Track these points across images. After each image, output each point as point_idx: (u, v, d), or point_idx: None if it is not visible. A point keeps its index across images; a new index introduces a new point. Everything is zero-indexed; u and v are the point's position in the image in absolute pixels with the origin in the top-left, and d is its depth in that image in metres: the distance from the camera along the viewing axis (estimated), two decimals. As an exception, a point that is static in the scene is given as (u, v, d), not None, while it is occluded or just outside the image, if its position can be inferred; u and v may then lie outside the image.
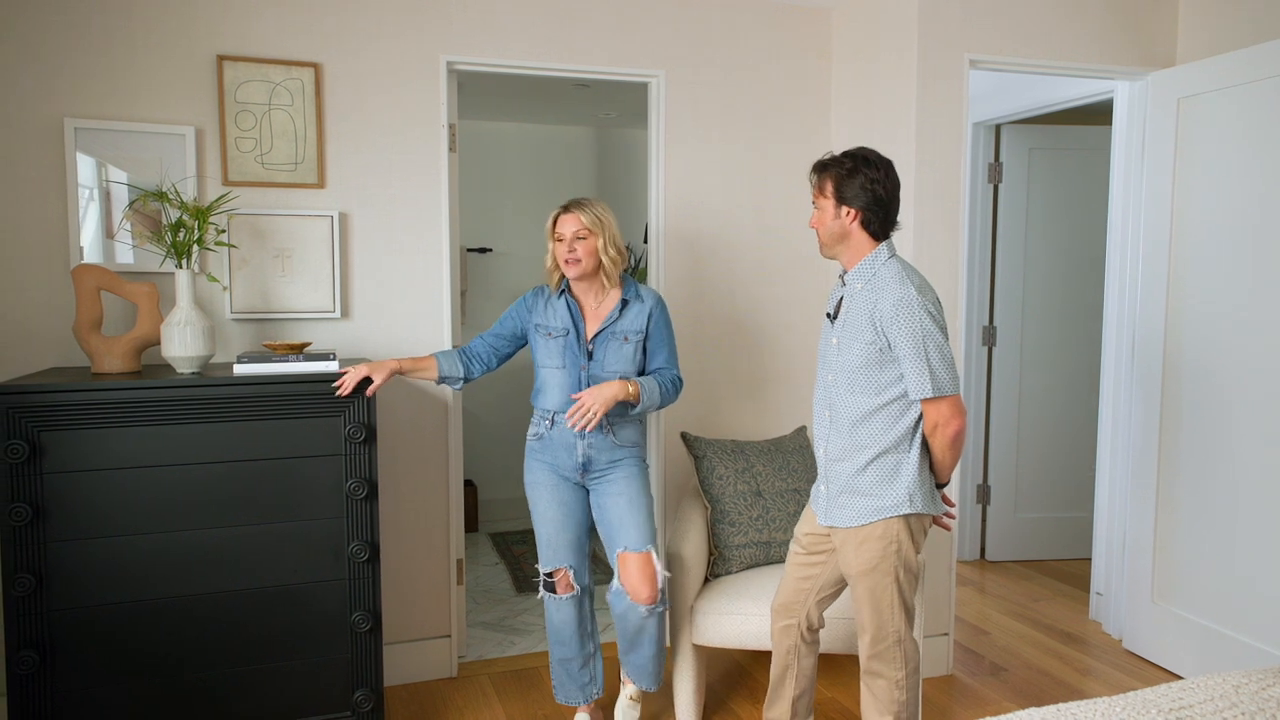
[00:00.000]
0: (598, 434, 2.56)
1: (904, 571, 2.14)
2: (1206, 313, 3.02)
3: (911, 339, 2.01)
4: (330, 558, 2.47)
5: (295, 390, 2.42)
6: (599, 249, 2.51)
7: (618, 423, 2.58)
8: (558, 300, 2.60)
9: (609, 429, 2.57)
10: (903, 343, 2.02)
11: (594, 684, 2.72)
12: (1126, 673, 3.19)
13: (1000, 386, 4.28)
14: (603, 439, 2.57)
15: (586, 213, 2.51)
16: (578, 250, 2.49)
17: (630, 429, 2.62)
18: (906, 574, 2.14)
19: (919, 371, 2.02)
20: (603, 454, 2.58)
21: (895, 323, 2.02)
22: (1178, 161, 3.11)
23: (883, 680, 2.19)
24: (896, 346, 2.04)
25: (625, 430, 2.60)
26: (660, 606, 2.57)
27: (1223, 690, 1.65)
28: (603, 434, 2.56)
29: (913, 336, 2.01)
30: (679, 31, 3.20)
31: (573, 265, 2.50)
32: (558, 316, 2.58)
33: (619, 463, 2.59)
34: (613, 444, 2.58)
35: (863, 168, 2.10)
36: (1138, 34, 3.21)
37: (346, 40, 2.86)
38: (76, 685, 2.30)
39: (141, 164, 2.69)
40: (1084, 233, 4.23)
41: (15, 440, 2.20)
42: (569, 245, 2.50)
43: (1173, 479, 3.15)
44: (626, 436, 2.60)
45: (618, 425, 2.59)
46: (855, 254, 2.15)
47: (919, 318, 2.01)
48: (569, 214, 2.51)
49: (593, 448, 2.57)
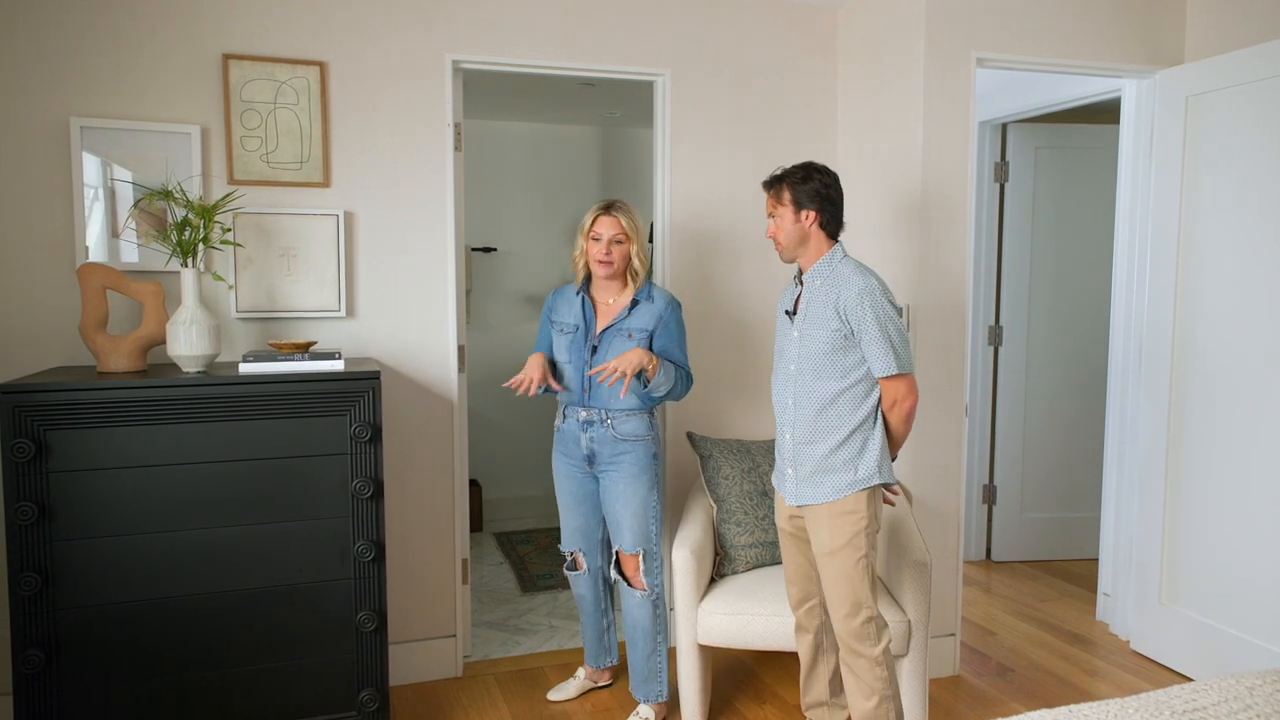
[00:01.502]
0: (599, 427, 2.67)
1: (871, 544, 2.30)
2: (1215, 312, 3.01)
3: (876, 322, 2.22)
4: (336, 557, 2.47)
5: (301, 389, 2.41)
6: (631, 254, 2.67)
7: (617, 416, 2.66)
8: (574, 297, 2.73)
9: (609, 423, 2.65)
10: (867, 326, 2.22)
11: (608, 654, 3.00)
12: (1135, 674, 3.17)
13: (1006, 386, 4.27)
14: (604, 432, 2.68)
15: (626, 218, 2.67)
16: (613, 253, 2.64)
17: (632, 422, 2.68)
18: (872, 548, 2.31)
19: (884, 351, 2.23)
20: (605, 447, 2.68)
21: (860, 309, 2.22)
22: (1186, 160, 3.09)
23: (863, 660, 2.30)
24: (861, 330, 2.23)
25: (626, 424, 2.67)
26: (652, 594, 2.74)
27: (1236, 692, 1.64)
28: (603, 427, 2.66)
29: (877, 320, 2.22)
30: (685, 30, 3.20)
31: (605, 266, 2.65)
32: (571, 312, 2.72)
33: (623, 456, 2.68)
34: (614, 437, 2.67)
35: (814, 174, 2.32)
36: (1145, 32, 3.19)
37: (352, 39, 2.86)
38: (82, 684, 2.30)
39: (147, 163, 2.69)
40: (1090, 232, 4.22)
41: (21, 439, 2.19)
42: (606, 247, 2.63)
43: (1180, 479, 3.14)
44: (627, 430, 2.67)
45: (617, 419, 2.67)
46: (814, 254, 2.34)
47: (881, 304, 2.23)
48: (610, 216, 2.65)
49: (595, 441, 2.69)
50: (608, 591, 2.94)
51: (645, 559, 2.73)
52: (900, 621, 2.54)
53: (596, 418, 2.67)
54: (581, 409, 2.69)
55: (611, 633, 3.00)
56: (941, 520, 3.09)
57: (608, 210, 2.67)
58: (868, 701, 2.30)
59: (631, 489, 2.68)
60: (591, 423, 2.68)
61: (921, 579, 2.56)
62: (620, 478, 2.68)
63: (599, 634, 2.97)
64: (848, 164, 3.30)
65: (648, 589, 2.74)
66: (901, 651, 2.55)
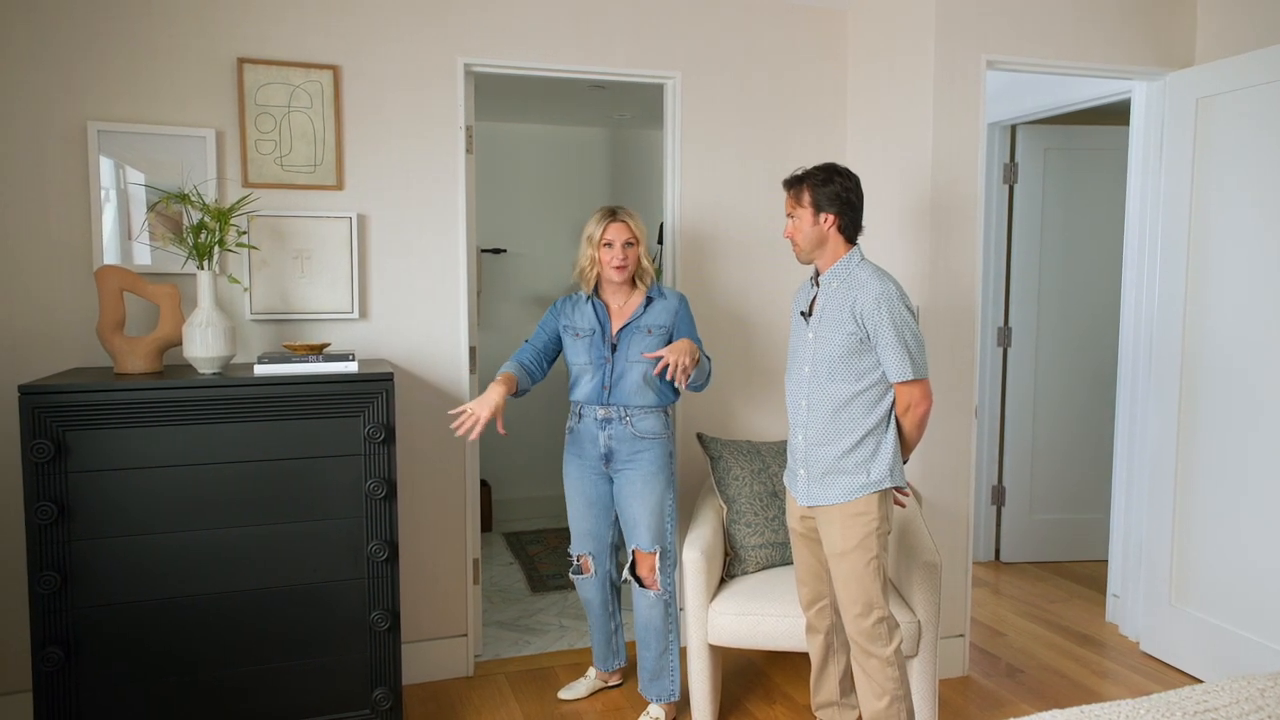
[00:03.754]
0: (618, 424, 2.70)
1: (882, 546, 2.30)
2: (1225, 313, 3.00)
3: (893, 327, 2.21)
4: (349, 557, 2.49)
5: (315, 390, 2.43)
6: (640, 255, 2.72)
7: (636, 414, 2.70)
8: (585, 304, 2.75)
9: (629, 420, 2.68)
10: (884, 331, 2.22)
11: (616, 657, 3.02)
12: (1145, 675, 3.17)
13: (1015, 387, 4.27)
14: (623, 429, 2.70)
15: (634, 222, 2.72)
16: (628, 256, 2.68)
17: (650, 419, 2.71)
18: (883, 549, 2.31)
19: (900, 357, 2.22)
20: (623, 445, 2.71)
21: (877, 313, 2.21)
22: (1196, 162, 3.09)
23: (875, 660, 2.31)
24: (877, 334, 2.23)
25: (645, 420, 2.70)
26: (665, 595, 2.75)
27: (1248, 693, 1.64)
28: (622, 425, 2.69)
29: (893, 325, 2.21)
30: (695, 33, 3.21)
31: (621, 270, 2.69)
32: (585, 318, 2.74)
33: (641, 454, 2.71)
34: (633, 435, 2.70)
35: (836, 177, 2.30)
36: (1155, 34, 3.19)
37: (365, 43, 2.88)
38: (100, 682, 2.33)
39: (162, 166, 2.71)
40: (1099, 233, 4.21)
41: (40, 439, 2.22)
42: (620, 251, 2.67)
43: (1191, 480, 3.14)
44: (646, 427, 2.70)
45: (636, 416, 2.70)
46: (832, 256, 2.33)
47: (898, 309, 2.22)
48: (619, 223, 2.69)
49: (614, 439, 2.71)
50: (615, 594, 2.95)
51: (661, 558, 2.74)
52: (910, 622, 2.55)
53: (615, 415, 2.69)
54: (600, 407, 2.71)
55: (619, 635, 3.01)
56: (951, 521, 3.09)
57: (614, 217, 2.70)
58: (879, 701, 2.31)
59: (649, 487, 2.71)
60: (610, 420, 2.70)
61: (931, 580, 2.57)
62: (638, 476, 2.70)
63: (607, 637, 2.99)
64: (857, 165, 3.30)
65: (661, 589, 2.75)
66: (911, 652, 2.56)
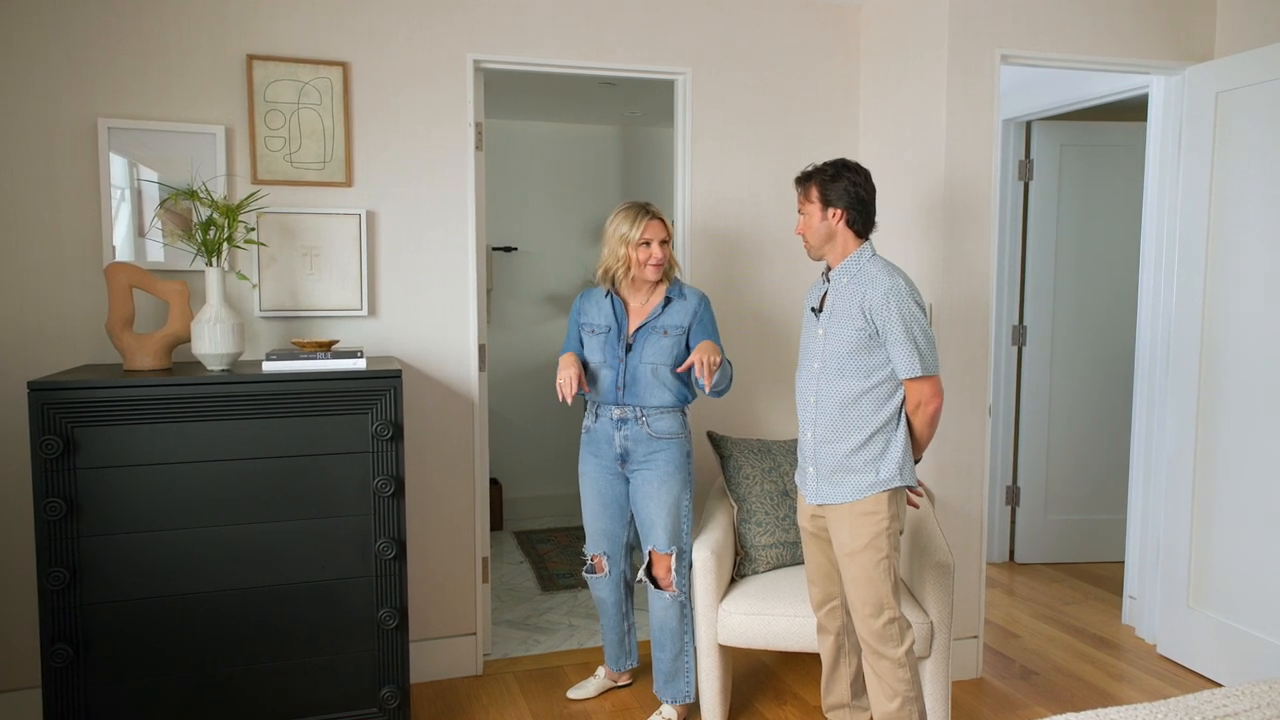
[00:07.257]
0: (634, 425, 2.68)
1: (893, 545, 2.28)
2: (1245, 310, 2.96)
3: (902, 323, 2.19)
4: (358, 555, 2.48)
5: (323, 387, 2.43)
6: (670, 253, 2.69)
7: (652, 414, 2.67)
8: (604, 300, 2.73)
9: (644, 421, 2.66)
10: (892, 327, 2.19)
11: (629, 657, 2.99)
12: (1162, 679, 3.13)
13: (1030, 386, 4.22)
14: (639, 430, 2.68)
15: (667, 218, 2.69)
16: (665, 255, 2.65)
17: (667, 419, 2.69)
18: (894, 549, 2.29)
19: (909, 353, 2.20)
20: (640, 445, 2.69)
21: (886, 309, 2.19)
22: (1215, 157, 3.04)
23: (886, 661, 2.29)
24: (886, 331, 2.21)
25: (661, 420, 2.68)
26: (680, 595, 2.72)
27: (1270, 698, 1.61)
28: (638, 425, 2.67)
29: (902, 321, 2.19)
30: (706, 29, 3.19)
31: (658, 269, 2.65)
32: (602, 315, 2.72)
33: (657, 454, 2.68)
34: (649, 435, 2.68)
35: (844, 172, 2.29)
36: (1174, 27, 3.15)
37: (375, 39, 2.87)
38: (109, 678, 2.33)
39: (172, 163, 2.71)
40: (1116, 230, 4.16)
41: (50, 436, 2.22)
42: (659, 251, 2.64)
43: (1210, 479, 3.09)
44: (662, 427, 2.68)
45: (651, 417, 2.67)
46: (842, 251, 2.32)
47: (907, 304, 2.20)
48: (656, 221, 2.66)
49: (629, 439, 2.69)
50: (629, 594, 2.93)
51: (677, 559, 2.71)
52: (922, 623, 2.52)
53: (631, 415, 2.67)
54: (615, 407, 2.68)
55: (633, 635, 2.99)
56: (964, 521, 3.06)
57: (648, 213, 2.66)
58: (891, 703, 2.29)
59: (666, 487, 2.68)
60: (626, 420, 2.68)
61: (944, 580, 2.54)
62: (654, 476, 2.68)
63: (620, 637, 2.96)
64: (870, 162, 3.27)
65: (678, 590, 2.73)
66: (924, 653, 2.53)
